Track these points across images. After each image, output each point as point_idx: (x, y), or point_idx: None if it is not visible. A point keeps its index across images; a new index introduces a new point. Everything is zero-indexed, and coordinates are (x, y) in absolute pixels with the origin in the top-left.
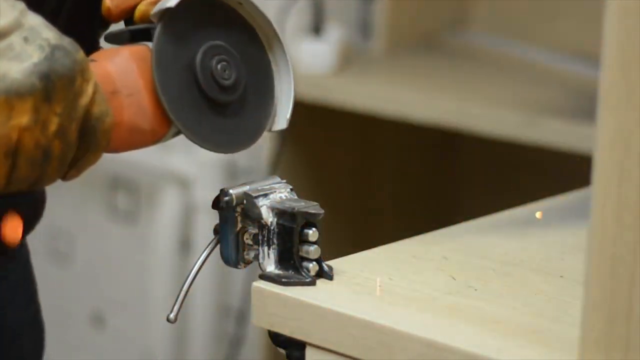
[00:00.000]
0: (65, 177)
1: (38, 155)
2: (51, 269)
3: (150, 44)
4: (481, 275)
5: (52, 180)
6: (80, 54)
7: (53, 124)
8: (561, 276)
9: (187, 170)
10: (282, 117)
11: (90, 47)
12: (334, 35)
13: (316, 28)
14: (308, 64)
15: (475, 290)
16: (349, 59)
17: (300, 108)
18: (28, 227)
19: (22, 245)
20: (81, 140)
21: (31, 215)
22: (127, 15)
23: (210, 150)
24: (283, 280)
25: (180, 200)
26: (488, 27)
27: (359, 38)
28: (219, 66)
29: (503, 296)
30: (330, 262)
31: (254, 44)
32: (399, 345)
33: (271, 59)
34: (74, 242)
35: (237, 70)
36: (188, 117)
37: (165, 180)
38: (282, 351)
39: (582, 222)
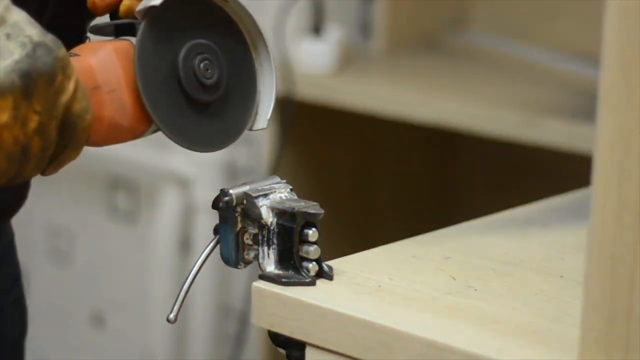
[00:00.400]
0: (44, 172)
1: (17, 152)
2: (51, 268)
3: (134, 40)
4: (481, 275)
5: (30, 175)
6: (62, 51)
7: (33, 122)
8: (561, 276)
9: (187, 170)
10: (262, 117)
11: (78, 37)
12: (334, 35)
13: (316, 28)
14: (308, 64)
15: (475, 290)
16: (349, 59)
17: (300, 108)
18: (11, 210)
19: (5, 227)
20: (61, 137)
21: (16, 198)
22: (113, 9)
23: (189, 149)
24: (283, 280)
25: (180, 200)
26: (488, 27)
27: (359, 38)
28: (201, 65)
29: (503, 296)
30: (330, 262)
31: (239, 43)
32: (399, 345)
33: (255, 58)
34: (74, 241)
35: (220, 70)
36: (168, 116)
37: (165, 180)
38: (282, 351)
39: (582, 222)
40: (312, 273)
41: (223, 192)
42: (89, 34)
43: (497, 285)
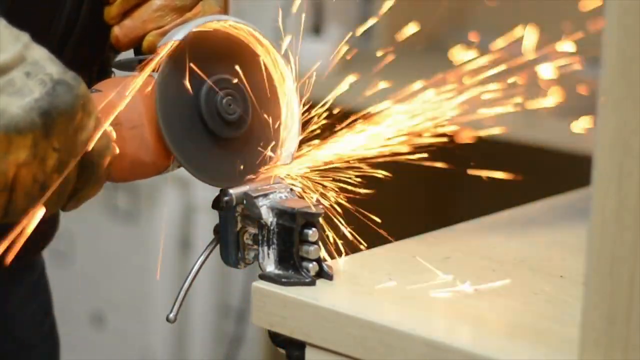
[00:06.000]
0: (64, 208)
1: (35, 190)
2: (51, 269)
3: (157, 75)
4: (481, 275)
5: (50, 211)
6: (83, 88)
7: (51, 159)
8: (561, 276)
9: (188, 172)
10: (287, 152)
11: (101, 72)
12: (334, 35)
13: (316, 28)
14: (308, 64)
15: (476, 290)
16: (349, 59)
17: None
18: (43, 242)
19: (36, 258)
20: (81, 174)
21: (47, 230)
22: (136, 44)
23: (211, 184)
24: (283, 280)
25: (180, 200)
26: (488, 27)
27: (359, 38)
28: (224, 101)
29: (503, 296)
30: (330, 262)
31: (263, 77)
32: (399, 345)
33: (279, 92)
34: (74, 242)
35: (243, 105)
36: (190, 152)
37: (165, 180)
38: (282, 351)
39: (582, 222)
40: (312, 273)
41: (223, 192)
42: (113, 69)
43: (497, 285)
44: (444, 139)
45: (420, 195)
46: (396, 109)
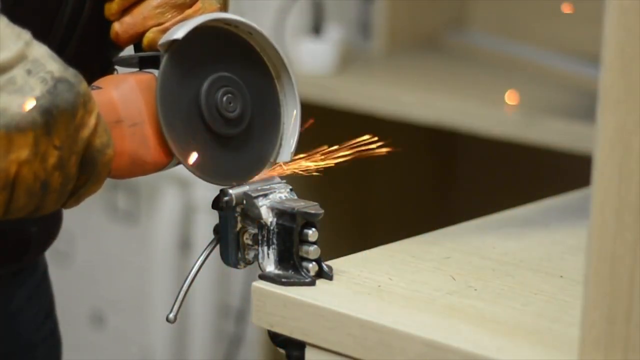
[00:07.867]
0: (64, 205)
1: (36, 188)
2: (51, 268)
3: (157, 72)
4: (481, 275)
5: (51, 209)
6: (84, 85)
7: (52, 157)
8: (561, 276)
9: (187, 170)
10: (286, 149)
11: (103, 69)
12: (334, 35)
13: (316, 28)
14: (308, 64)
15: (475, 290)
16: (349, 59)
17: (301, 108)
18: (45, 243)
19: (39, 259)
20: (82, 171)
21: (49, 231)
22: (136, 41)
23: (211, 182)
24: (283, 280)
25: (180, 200)
26: (488, 27)
27: (359, 38)
28: (224, 99)
29: (503, 296)
30: (330, 262)
31: (263, 75)
32: (399, 345)
33: (279, 90)
34: (74, 241)
35: (243, 103)
36: (190, 150)
37: (165, 180)
38: (282, 351)
39: (582, 222)
40: (312, 273)
41: (223, 192)
42: (116, 67)
43: (497, 285)
44: (444, 138)
45: (420, 195)
46: (396, 108)
